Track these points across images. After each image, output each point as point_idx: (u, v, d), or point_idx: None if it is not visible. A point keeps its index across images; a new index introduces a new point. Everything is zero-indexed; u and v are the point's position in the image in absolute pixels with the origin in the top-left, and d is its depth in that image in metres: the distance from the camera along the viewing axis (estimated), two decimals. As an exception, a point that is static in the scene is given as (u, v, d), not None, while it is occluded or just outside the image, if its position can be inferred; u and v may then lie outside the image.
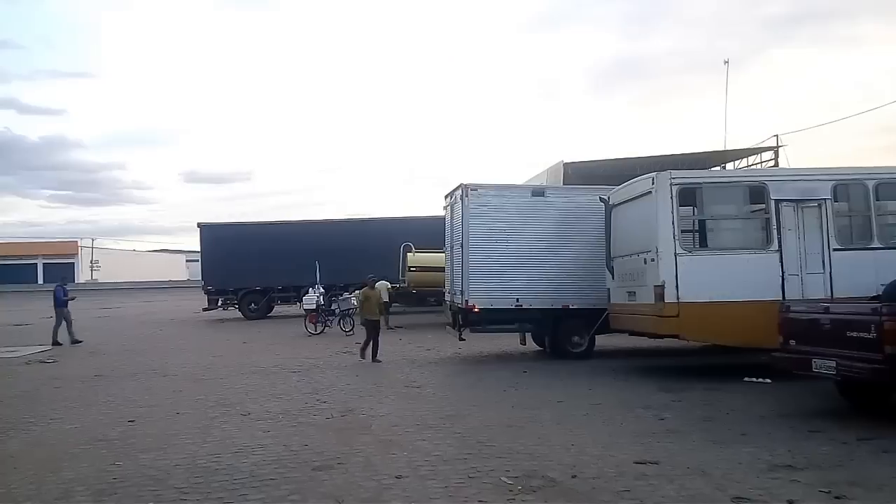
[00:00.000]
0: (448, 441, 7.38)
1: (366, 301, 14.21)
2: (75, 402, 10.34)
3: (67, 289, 19.29)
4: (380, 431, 7.96)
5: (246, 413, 9.19)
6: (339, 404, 9.65)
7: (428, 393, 10.46)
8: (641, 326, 11.43)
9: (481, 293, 13.12)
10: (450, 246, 14.59)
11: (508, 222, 13.30)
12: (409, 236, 23.64)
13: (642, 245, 11.06)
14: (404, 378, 11.84)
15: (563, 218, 13.40)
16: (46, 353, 16.66)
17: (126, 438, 7.95)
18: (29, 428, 8.62)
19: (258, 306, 27.12)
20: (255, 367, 13.64)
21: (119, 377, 12.76)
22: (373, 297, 14.18)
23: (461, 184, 13.43)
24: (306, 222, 28.68)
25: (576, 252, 13.38)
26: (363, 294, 14.45)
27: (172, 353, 16.49)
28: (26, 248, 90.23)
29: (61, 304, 18.66)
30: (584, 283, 13.30)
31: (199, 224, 27.42)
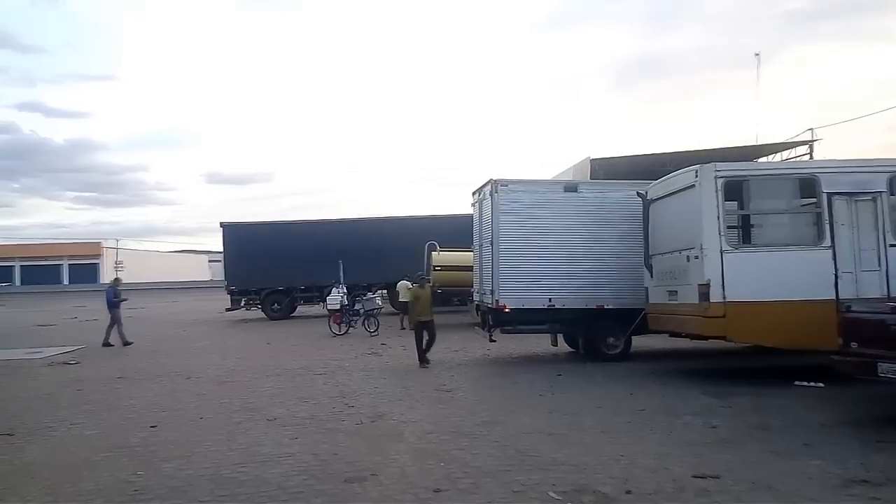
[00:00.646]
0: (487, 450, 6.92)
1: (416, 301, 13.32)
2: (97, 405, 10.05)
3: (119, 290, 19.02)
4: (413, 439, 7.53)
5: (272, 418, 8.82)
6: (368, 409, 9.24)
7: (460, 397, 10.01)
8: (684, 327, 10.88)
9: (512, 293, 12.65)
10: (478, 244, 14.11)
11: (540, 219, 12.79)
12: (434, 235, 23.21)
13: (685, 242, 10.51)
14: (434, 381, 11.40)
15: (597, 214, 12.86)
16: (69, 355, 16.47)
17: (148, 445, 7.60)
18: (49, 433, 8.32)
19: (281, 306, 26.87)
20: (280, 369, 13.29)
21: (142, 379, 12.48)
22: (423, 297, 13.24)
23: (490, 179, 12.96)
24: (329, 221, 28.31)
25: (610, 250, 12.84)
26: (413, 294, 13.62)
27: (196, 354, 16.22)
28: (51, 249, 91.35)
29: (113, 305, 18.44)
30: (619, 283, 12.78)
31: (221, 223, 27.22)
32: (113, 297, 18.57)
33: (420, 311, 13.12)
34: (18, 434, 8.27)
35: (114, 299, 18.55)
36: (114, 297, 18.57)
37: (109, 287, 19.22)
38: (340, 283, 20.92)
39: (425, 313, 13.08)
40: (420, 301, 13.19)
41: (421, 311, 13.12)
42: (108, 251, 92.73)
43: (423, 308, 13.13)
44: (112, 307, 18.47)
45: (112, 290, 18.90)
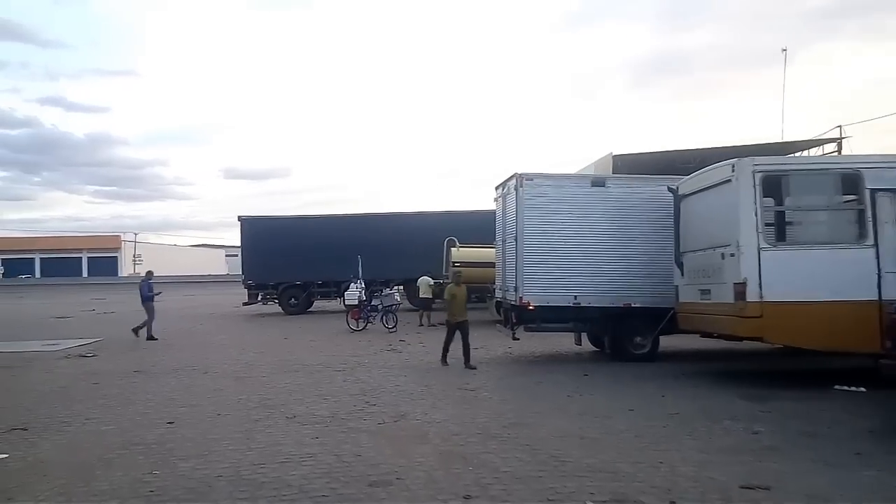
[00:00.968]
0: (517, 454, 6.59)
1: (452, 300, 12.45)
2: (113, 399, 9.84)
3: (152, 283, 18.76)
4: (439, 441, 7.21)
5: (291, 416, 8.54)
6: (389, 408, 8.94)
7: (484, 397, 9.68)
8: (717, 328, 10.47)
9: (537, 290, 12.29)
10: (501, 240, 13.75)
11: (566, 214, 12.41)
12: (452, 231, 22.87)
13: (719, 239, 10.10)
14: (456, 380, 11.08)
15: (625, 210, 12.46)
16: (86, 347, 16.34)
17: (164, 442, 7.35)
18: (63, 429, 8.09)
19: (298, 301, 26.67)
20: (298, 364, 13.04)
21: (158, 373, 12.28)
22: (459, 296, 12.45)
23: (515, 173, 12.60)
24: (347, 216, 28.09)
25: (638, 247, 12.44)
26: (449, 292, 12.61)
27: (213, 348, 16.03)
28: (71, 242, 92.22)
29: (148, 298, 18.24)
30: (647, 280, 12.37)
31: (239, 217, 27.05)
32: (148, 291, 18.35)
33: (456, 311, 12.41)
34: (32, 429, 8.06)
35: (149, 293, 18.35)
36: (149, 291, 18.37)
37: (143, 281, 18.87)
38: (359, 279, 20.63)
39: (461, 313, 12.42)
40: (456, 300, 12.43)
41: (457, 310, 12.40)
42: (126, 245, 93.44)
43: (459, 308, 12.44)
44: (146, 301, 18.26)
45: (146, 283, 18.62)
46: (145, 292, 18.34)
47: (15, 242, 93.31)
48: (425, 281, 20.73)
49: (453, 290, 12.53)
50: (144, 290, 18.39)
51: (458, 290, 12.51)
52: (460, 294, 12.51)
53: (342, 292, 26.15)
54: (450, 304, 12.56)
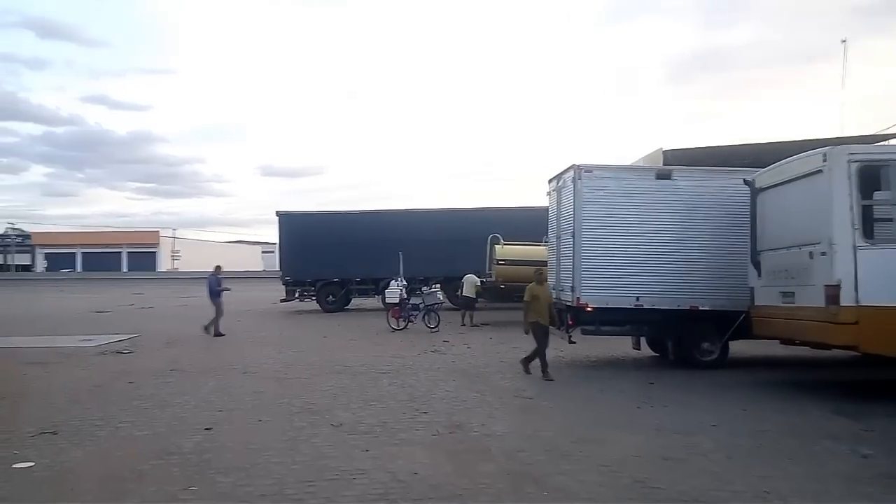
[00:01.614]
0: (594, 476, 5.80)
1: (534, 301, 10.94)
2: (148, 401, 9.28)
3: (220, 278, 18.35)
4: (503, 458, 6.44)
5: (337, 424, 7.86)
6: (442, 416, 8.20)
7: (544, 406, 8.88)
8: (802, 334, 9.49)
9: (596, 290, 11.43)
10: (556, 236, 12.89)
11: (628, 209, 11.53)
12: (495, 228, 22.03)
13: (807, 236, 9.12)
14: (510, 385, 10.30)
15: (692, 204, 11.53)
16: (123, 343, 15.96)
17: (202, 452, 6.72)
18: (95, 433, 7.53)
19: (336, 299, 26.09)
20: (340, 365, 12.39)
21: (196, 372, 11.75)
22: (543, 297, 11.01)
23: (573, 164, 11.75)
24: (387, 212, 27.39)
25: (707, 244, 11.50)
26: (530, 292, 11.00)
27: (251, 346, 15.49)
28: (111, 237, 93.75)
29: (215, 294, 17.84)
30: (716, 281, 11.43)
31: (277, 213, 26.59)
32: (216, 286, 17.94)
33: (539, 314, 10.90)
34: (62, 432, 7.51)
35: (217, 288, 17.93)
36: (217, 286, 17.95)
37: (211, 275, 18.39)
38: (400, 276, 19.92)
39: (544, 316, 10.91)
40: (539, 301, 10.92)
41: (540, 313, 10.90)
42: (165, 240, 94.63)
43: (543, 310, 10.90)
44: (214, 296, 17.83)
45: (214, 278, 18.17)
46: (214, 287, 17.91)
47: (58, 237, 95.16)
48: (471, 279, 19.94)
49: (535, 289, 11.01)
50: (213, 285, 17.95)
51: (541, 290, 11.04)
52: (544, 294, 11.07)
53: (380, 290, 25.67)
54: (531, 305, 10.93)
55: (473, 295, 19.92)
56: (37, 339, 16.94)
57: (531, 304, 10.93)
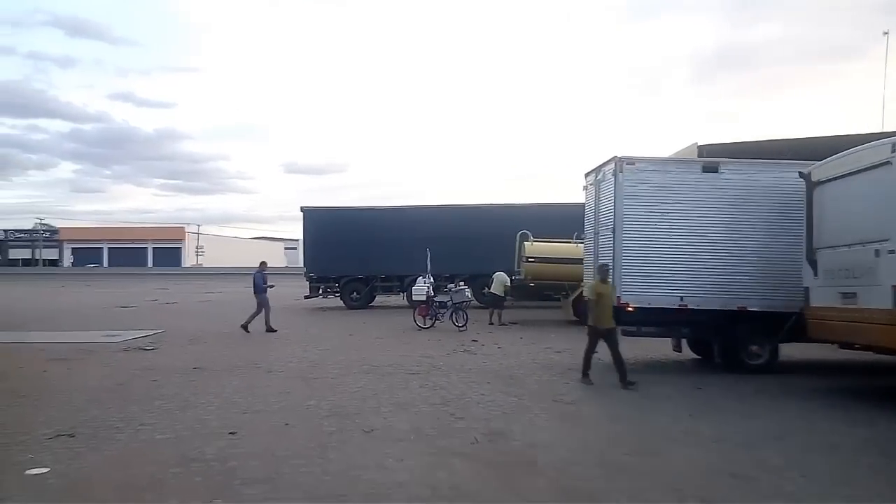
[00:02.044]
0: (657, 495, 5.26)
1: (598, 301, 9.97)
2: (171, 401, 8.88)
3: (266, 274, 18.10)
4: (553, 472, 5.90)
5: (368, 429, 7.38)
6: (479, 423, 7.68)
7: (587, 413, 8.32)
8: (865, 338, 8.81)
9: (637, 289, 10.85)
10: (593, 232, 12.30)
11: (672, 203, 10.92)
12: (524, 224, 21.46)
13: (872, 232, 8.45)
14: (548, 390, 9.75)
15: (741, 199, 10.89)
16: (146, 339, 15.66)
17: (226, 459, 6.28)
18: (114, 436, 7.12)
19: (360, 295, 25.68)
20: (368, 365, 11.93)
21: (219, 371, 11.35)
22: (606, 297, 9.99)
23: (614, 157, 11.15)
24: (412, 207, 26.83)
25: (757, 241, 10.87)
26: (593, 290, 10.09)
27: (276, 343, 15.11)
28: (137, 232, 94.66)
29: (261, 290, 17.59)
30: (766, 280, 10.81)
31: (302, 208, 26.22)
32: (262, 283, 17.66)
33: (601, 316, 9.96)
34: (80, 435, 7.11)
35: (263, 284, 17.65)
36: (263, 283, 17.67)
37: (258, 271, 18.10)
38: (427, 273, 19.39)
39: (607, 319, 9.97)
40: (603, 302, 9.96)
41: (602, 314, 9.95)
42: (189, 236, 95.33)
43: (605, 312, 9.96)
44: (260, 292, 17.56)
45: (260, 274, 17.89)
46: (259, 283, 17.61)
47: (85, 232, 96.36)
48: (501, 277, 19.34)
49: (599, 288, 10.02)
50: (259, 281, 17.65)
51: (604, 290, 10.05)
52: (607, 294, 10.06)
53: (405, 287, 25.23)
54: (593, 306, 10.05)
55: (502, 293, 19.33)
56: (61, 335, 16.72)
57: (594, 305, 10.02)
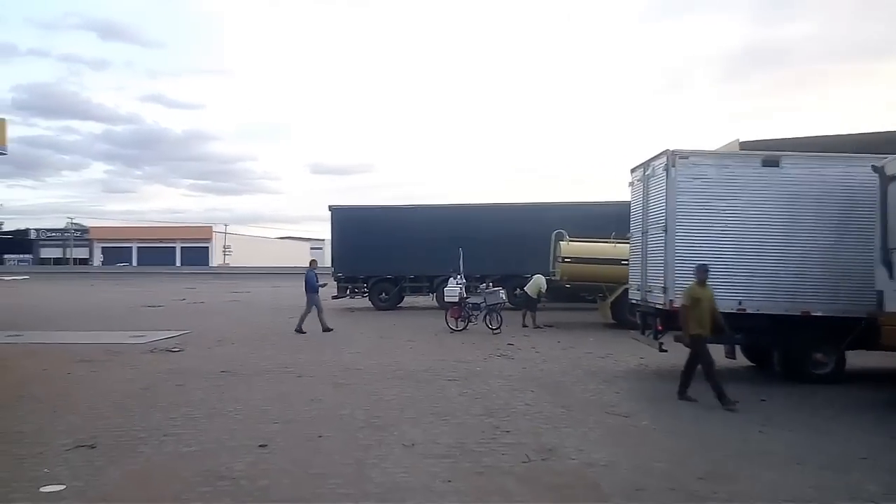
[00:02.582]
0: (747, 531, 4.57)
1: (695, 304, 8.88)
2: (197, 408, 8.39)
3: (317, 273, 17.71)
4: (620, 497, 5.26)
5: (409, 443, 6.79)
6: (528, 437, 7.06)
7: (646, 427, 7.63)
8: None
9: (691, 292, 10.08)
10: (641, 231, 11.55)
11: (729, 200, 10.17)
12: (558, 223, 20.68)
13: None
14: (597, 399, 9.08)
15: (804, 195, 10.09)
16: (173, 340, 15.27)
17: (255, 477, 5.73)
18: (137, 448, 6.62)
19: (389, 296, 25.12)
20: (402, 370, 11.36)
21: (247, 375, 10.87)
22: (706, 300, 8.89)
23: (666, 150, 10.43)
24: (443, 206, 26.16)
25: (822, 241, 10.06)
26: (690, 294, 8.93)
27: (305, 346, 14.60)
28: (166, 232, 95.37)
29: (313, 289, 17.20)
30: (833, 283, 10.00)
31: (330, 207, 25.73)
32: (314, 281, 17.28)
33: (700, 321, 8.82)
34: (101, 446, 6.63)
35: (315, 283, 17.27)
36: (315, 281, 17.29)
37: (309, 270, 17.70)
38: (460, 274, 18.74)
39: (706, 324, 8.84)
40: (702, 306, 8.84)
41: (702, 320, 8.82)
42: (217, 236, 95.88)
43: (705, 317, 8.83)
44: (312, 291, 17.16)
45: (312, 273, 17.48)
46: (312, 282, 17.20)
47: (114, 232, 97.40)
48: (539, 280, 18.61)
49: (696, 290, 8.96)
50: (311, 280, 17.23)
51: (703, 293, 8.95)
52: (707, 297, 8.94)
53: (434, 288, 24.62)
54: (691, 310, 8.87)
55: (536, 295, 18.63)
56: (87, 335, 16.43)
57: (692, 309, 8.87)
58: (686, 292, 9.05)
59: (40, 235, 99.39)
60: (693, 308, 8.85)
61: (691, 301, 8.89)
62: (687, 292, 9.05)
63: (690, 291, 9.00)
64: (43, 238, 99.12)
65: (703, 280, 9.03)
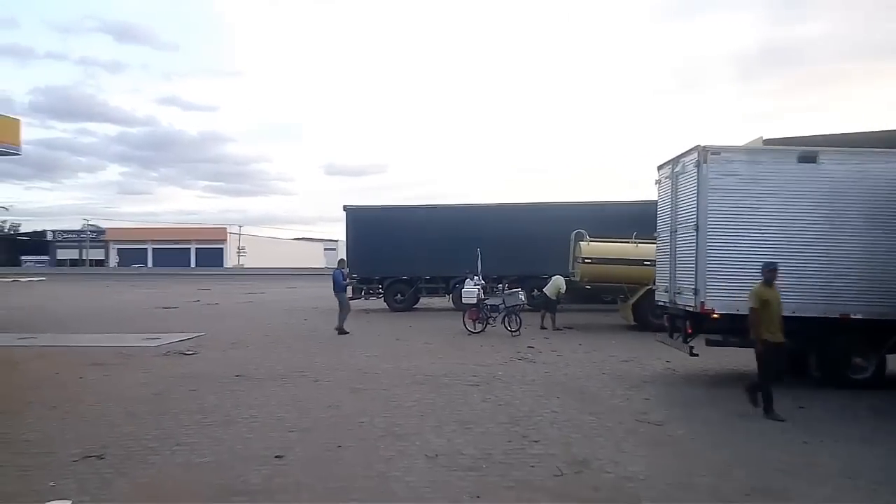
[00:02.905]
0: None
1: (765, 307, 8.12)
2: (210, 415, 8.08)
3: (346, 272, 17.55)
4: (664, 517, 4.87)
5: (432, 454, 6.44)
6: (558, 447, 6.68)
7: (681, 437, 7.21)
8: None
9: (724, 294, 9.66)
10: (670, 230, 11.12)
11: (764, 198, 9.72)
12: (576, 223, 20.22)
13: None
14: (626, 406, 8.67)
15: (844, 192, 9.63)
16: (187, 343, 15.01)
17: (273, 491, 5.41)
18: (148, 458, 6.31)
19: (404, 297, 24.79)
20: (420, 374, 11.01)
21: (263, 379, 10.56)
22: (775, 303, 8.20)
23: (697, 145, 10.00)
24: (459, 206, 25.69)
25: (862, 240, 9.61)
26: (758, 296, 8.16)
27: (320, 348, 14.30)
28: (181, 233, 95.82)
29: (341, 288, 17.05)
30: (873, 284, 9.54)
31: (345, 207, 25.43)
32: (342, 280, 17.12)
33: (771, 325, 8.10)
34: (110, 456, 6.34)
35: (343, 282, 17.12)
36: (343, 280, 17.13)
37: (338, 269, 17.55)
38: (477, 275, 18.35)
39: (777, 328, 8.13)
40: (771, 309, 8.14)
41: (771, 325, 8.10)
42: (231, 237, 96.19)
43: (774, 321, 8.12)
44: (340, 290, 16.99)
45: (340, 272, 17.33)
46: (340, 280, 17.02)
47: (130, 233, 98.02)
48: (558, 282, 18.20)
49: (764, 292, 8.20)
50: (339, 279, 17.07)
51: (772, 294, 8.24)
52: (775, 299, 8.22)
53: (450, 289, 24.25)
54: (760, 314, 8.13)
55: (555, 297, 18.22)
56: (101, 337, 16.23)
57: (762, 312, 8.10)
58: (754, 294, 8.23)
59: (57, 237, 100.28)
60: (764, 310, 8.09)
61: (760, 303, 8.12)
62: (755, 294, 8.22)
63: (758, 293, 8.20)
64: (59, 240, 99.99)
65: (770, 280, 8.32)
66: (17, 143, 15.63)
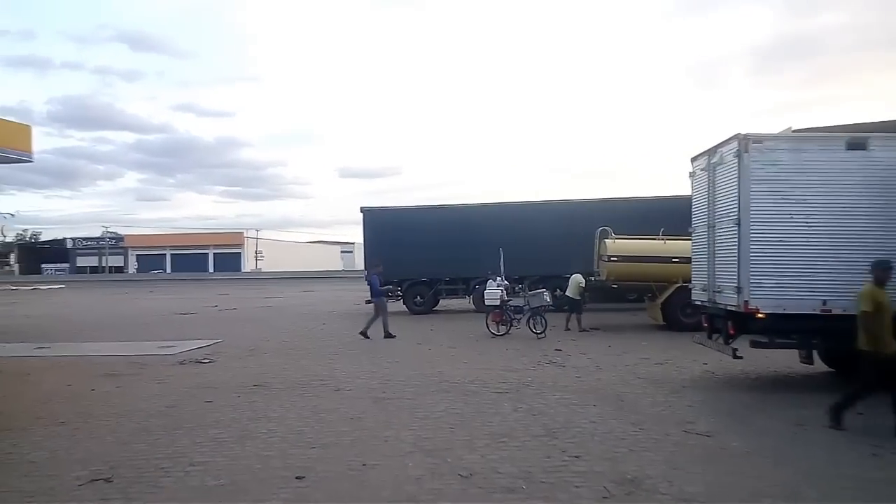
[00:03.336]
0: None
1: (878, 313, 7.09)
2: (226, 429, 7.61)
3: (381, 276, 17.23)
4: (735, 549, 4.30)
5: (466, 473, 5.90)
6: (604, 463, 6.12)
7: (735, 450, 6.61)
8: None
9: (770, 292, 9.02)
10: (707, 225, 10.48)
11: (810, 188, 9.05)
12: (599, 221, 19.56)
13: None
14: (670, 414, 8.08)
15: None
16: (203, 350, 14.61)
17: (294, 519, 4.90)
18: (159, 481, 5.83)
19: (424, 300, 24.29)
20: (446, 381, 10.48)
21: (281, 389, 10.10)
22: (886, 303, 7.17)
23: (736, 134, 9.38)
24: (478, 206, 25.11)
25: (918, 231, 8.91)
26: (872, 298, 7.13)
27: (340, 355, 13.81)
28: (198, 238, 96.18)
29: (378, 293, 16.66)
30: (931, 279, 8.81)
31: (362, 209, 24.99)
32: (379, 285, 16.74)
33: (879, 335, 7.09)
34: (120, 478, 5.87)
35: (380, 287, 16.74)
36: (380, 285, 16.76)
37: (374, 273, 17.18)
38: (500, 276, 17.78)
39: (888, 336, 7.10)
40: (883, 314, 7.12)
41: (880, 334, 7.09)
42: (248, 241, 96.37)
43: (886, 327, 7.11)
44: (377, 295, 16.59)
45: (377, 276, 16.94)
46: (376, 285, 16.62)
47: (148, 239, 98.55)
48: (577, 279, 17.62)
49: (877, 293, 7.21)
50: (375, 283, 16.66)
51: (881, 295, 7.22)
52: (886, 301, 7.20)
53: (470, 290, 23.71)
54: (874, 321, 7.11)
55: (577, 296, 17.60)
56: (116, 346, 15.90)
57: (875, 318, 7.06)
58: (866, 296, 7.21)
59: (76, 244, 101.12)
60: (877, 317, 7.11)
61: (874, 307, 7.10)
62: (867, 296, 7.20)
63: (871, 294, 7.19)
64: (79, 247, 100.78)
65: (883, 280, 7.37)
66: (29, 150, 15.28)
